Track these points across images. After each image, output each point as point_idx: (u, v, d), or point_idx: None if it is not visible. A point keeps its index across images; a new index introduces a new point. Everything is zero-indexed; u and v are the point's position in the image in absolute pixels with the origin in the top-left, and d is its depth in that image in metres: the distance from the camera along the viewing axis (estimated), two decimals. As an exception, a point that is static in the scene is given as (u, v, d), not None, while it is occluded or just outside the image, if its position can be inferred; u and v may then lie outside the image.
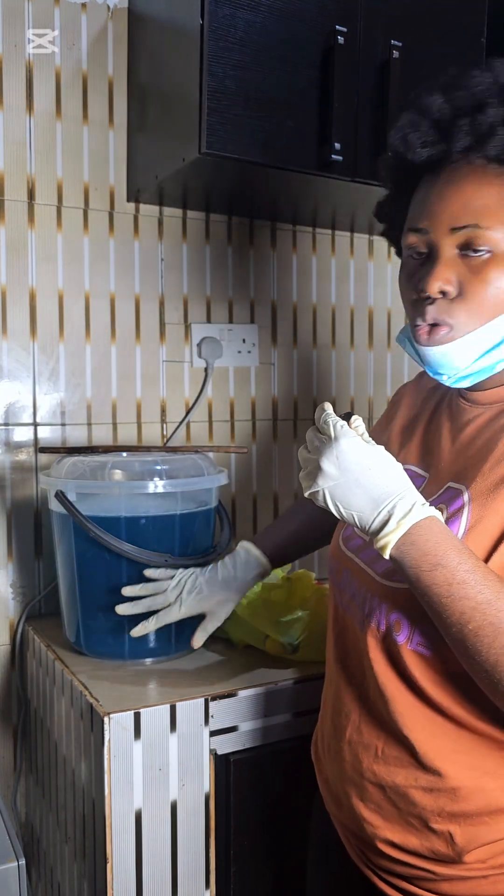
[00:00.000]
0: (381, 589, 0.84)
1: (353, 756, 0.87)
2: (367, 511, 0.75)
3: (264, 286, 1.74)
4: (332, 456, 0.76)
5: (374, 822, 0.85)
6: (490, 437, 0.83)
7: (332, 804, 0.94)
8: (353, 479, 0.75)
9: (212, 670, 1.24)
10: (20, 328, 1.49)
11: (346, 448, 0.76)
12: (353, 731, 0.88)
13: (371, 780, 0.85)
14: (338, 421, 0.77)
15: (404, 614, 0.80)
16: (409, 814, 0.82)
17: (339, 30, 1.32)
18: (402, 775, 0.82)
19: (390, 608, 0.82)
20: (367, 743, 0.86)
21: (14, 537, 1.51)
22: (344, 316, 1.84)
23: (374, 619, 0.83)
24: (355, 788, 0.87)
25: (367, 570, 0.87)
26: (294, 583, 1.38)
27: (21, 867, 1.15)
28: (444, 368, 0.83)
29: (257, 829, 1.19)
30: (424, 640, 0.79)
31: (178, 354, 1.64)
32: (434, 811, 0.81)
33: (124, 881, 1.08)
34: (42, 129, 1.49)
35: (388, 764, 0.84)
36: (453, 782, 0.79)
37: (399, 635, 0.81)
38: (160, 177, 1.42)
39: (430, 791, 0.81)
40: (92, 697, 1.12)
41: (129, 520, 1.22)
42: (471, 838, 0.80)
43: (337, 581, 0.94)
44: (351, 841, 0.92)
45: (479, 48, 1.50)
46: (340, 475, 0.75)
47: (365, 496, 0.75)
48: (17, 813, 1.54)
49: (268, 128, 1.30)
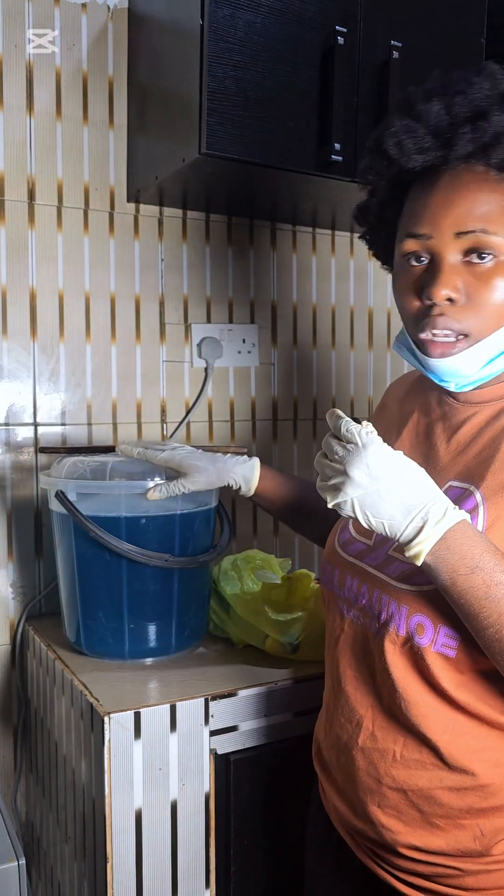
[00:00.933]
0: (398, 593, 0.83)
1: (368, 763, 0.86)
2: (399, 518, 0.74)
3: (264, 286, 1.74)
4: (361, 464, 0.74)
5: (394, 828, 0.85)
6: (494, 436, 0.83)
7: (345, 813, 0.92)
8: (384, 487, 0.74)
9: (212, 670, 1.24)
10: (20, 328, 1.49)
11: (375, 455, 0.74)
12: (367, 738, 0.87)
13: (390, 786, 0.84)
14: (362, 428, 0.76)
15: (427, 617, 0.80)
16: (435, 815, 0.82)
17: (339, 30, 1.32)
18: (426, 778, 0.82)
19: (411, 612, 0.81)
20: (383, 748, 0.85)
21: (14, 537, 1.51)
22: (344, 316, 1.85)
23: (392, 624, 0.82)
24: (371, 795, 0.86)
25: (379, 574, 0.86)
26: (294, 583, 1.38)
27: (21, 867, 1.15)
28: (451, 377, 0.83)
29: (257, 829, 1.19)
30: (449, 642, 0.79)
31: (178, 354, 1.64)
32: (462, 809, 0.81)
33: (124, 881, 1.08)
34: (42, 130, 1.49)
35: (409, 767, 0.83)
36: (482, 780, 0.80)
37: (422, 638, 0.80)
38: (160, 177, 1.42)
39: (458, 791, 0.81)
40: (92, 697, 1.12)
41: (129, 520, 1.22)
42: (498, 830, 0.80)
43: (339, 589, 0.93)
44: (364, 844, 0.91)
45: (479, 48, 1.50)
46: (371, 483, 0.74)
47: (397, 503, 0.74)
48: (17, 813, 1.54)
49: (268, 128, 1.30)
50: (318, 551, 1.83)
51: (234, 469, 1.17)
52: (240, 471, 1.17)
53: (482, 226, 0.78)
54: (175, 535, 1.25)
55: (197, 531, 1.29)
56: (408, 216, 0.84)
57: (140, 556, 1.20)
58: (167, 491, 1.16)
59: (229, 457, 1.18)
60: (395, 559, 0.86)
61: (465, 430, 0.87)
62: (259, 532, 1.76)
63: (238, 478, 1.17)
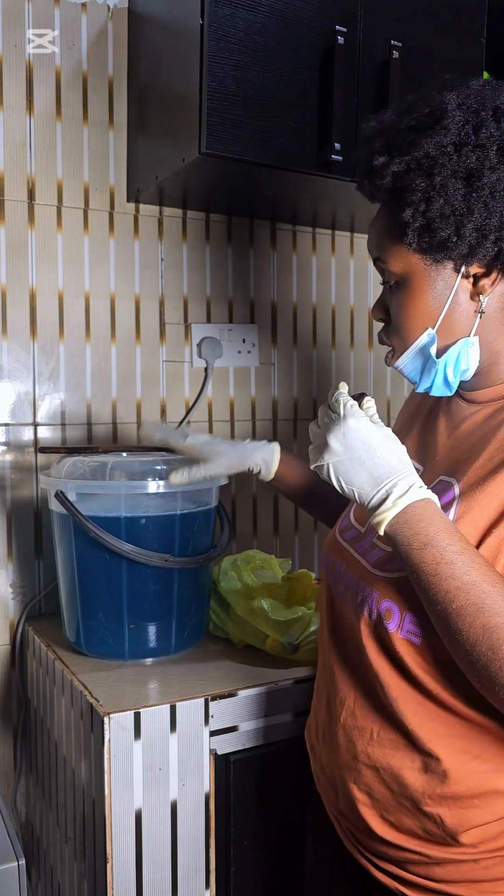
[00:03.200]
0: (372, 578, 0.86)
1: (348, 740, 0.89)
2: (367, 488, 0.79)
3: (264, 286, 1.74)
4: (338, 433, 0.80)
5: (367, 802, 0.87)
6: (484, 434, 0.85)
7: (328, 791, 0.95)
8: (356, 457, 0.80)
9: (212, 670, 1.24)
10: (20, 328, 1.49)
11: (352, 427, 0.80)
12: (348, 716, 0.90)
13: (365, 763, 0.87)
14: (348, 401, 0.82)
15: (394, 603, 0.83)
16: (402, 795, 0.84)
17: (339, 30, 1.32)
18: (398, 757, 0.84)
19: (381, 597, 0.84)
20: (362, 727, 0.88)
21: (14, 537, 1.51)
22: (344, 316, 1.85)
23: (365, 607, 0.86)
24: (349, 772, 0.89)
25: (361, 560, 0.90)
26: (294, 583, 1.38)
27: (21, 867, 1.15)
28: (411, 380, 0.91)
29: (257, 829, 1.19)
30: (414, 629, 0.81)
31: (178, 354, 1.64)
32: (426, 793, 0.83)
33: (124, 881, 1.08)
34: (42, 129, 1.49)
35: (384, 746, 0.86)
36: (444, 765, 0.82)
37: (389, 623, 0.83)
38: (160, 177, 1.42)
39: (424, 772, 0.83)
40: (92, 697, 1.12)
41: (129, 520, 1.22)
42: (461, 821, 0.81)
43: (332, 571, 0.97)
44: (346, 829, 0.93)
45: (479, 48, 1.50)
46: (345, 452, 0.80)
47: (366, 474, 0.79)
48: (17, 813, 1.54)
49: (268, 128, 1.30)
50: (318, 551, 1.83)
51: (254, 453, 1.18)
52: (260, 454, 1.18)
53: (377, 253, 0.88)
54: (175, 535, 1.25)
55: (197, 531, 1.29)
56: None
57: (140, 556, 1.20)
58: (189, 475, 1.16)
59: (249, 441, 1.19)
60: (376, 546, 0.89)
61: (464, 427, 0.90)
62: (259, 532, 1.76)
63: (259, 461, 1.18)
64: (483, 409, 0.89)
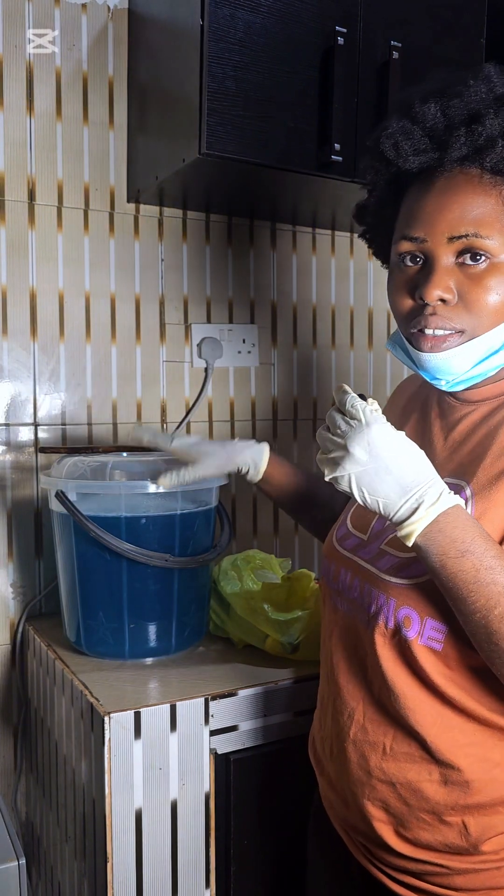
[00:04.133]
0: (386, 585, 0.84)
1: (360, 755, 0.87)
2: (394, 498, 0.75)
3: (264, 286, 1.74)
4: (362, 441, 0.75)
5: (383, 818, 0.85)
6: (487, 433, 0.84)
7: (338, 805, 0.93)
8: (382, 466, 0.75)
9: (212, 670, 1.24)
10: (20, 328, 1.49)
11: (378, 434, 0.75)
12: (358, 731, 0.87)
13: (380, 779, 0.85)
14: (366, 405, 0.77)
15: (413, 609, 0.81)
16: (421, 809, 0.83)
17: (338, 30, 1.32)
18: (415, 771, 0.83)
19: (399, 604, 0.82)
20: (374, 741, 0.86)
21: (14, 537, 1.51)
22: (344, 316, 1.85)
23: (381, 616, 0.83)
24: (362, 788, 0.87)
25: (370, 568, 0.88)
26: (294, 583, 1.38)
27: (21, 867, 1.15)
28: (442, 374, 0.84)
29: (257, 829, 1.19)
30: (435, 635, 0.80)
31: (178, 354, 1.64)
32: (448, 805, 0.81)
33: (124, 881, 1.08)
34: (42, 130, 1.49)
35: (398, 760, 0.84)
36: (467, 775, 0.80)
37: (409, 631, 0.81)
38: (160, 177, 1.42)
39: (445, 784, 0.81)
40: (92, 697, 1.12)
41: (129, 520, 1.22)
42: (485, 828, 0.81)
43: (334, 582, 0.94)
44: (358, 841, 0.91)
45: (479, 48, 1.50)
46: (370, 461, 0.75)
47: (393, 483, 0.75)
48: (17, 812, 1.54)
49: (268, 128, 1.30)
50: (318, 551, 1.83)
51: (243, 452, 1.16)
52: (249, 454, 1.16)
53: (475, 230, 0.79)
54: (175, 535, 1.26)
55: (197, 531, 1.29)
56: (404, 218, 0.86)
57: (140, 556, 1.20)
58: (178, 478, 1.15)
59: (238, 440, 1.19)
60: (386, 553, 0.86)
61: (461, 428, 0.88)
62: (259, 532, 1.76)
63: (248, 460, 1.16)
64: (479, 408, 0.88)
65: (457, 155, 0.80)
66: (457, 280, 0.81)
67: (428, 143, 0.82)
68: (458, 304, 0.81)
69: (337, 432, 0.78)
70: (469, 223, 0.80)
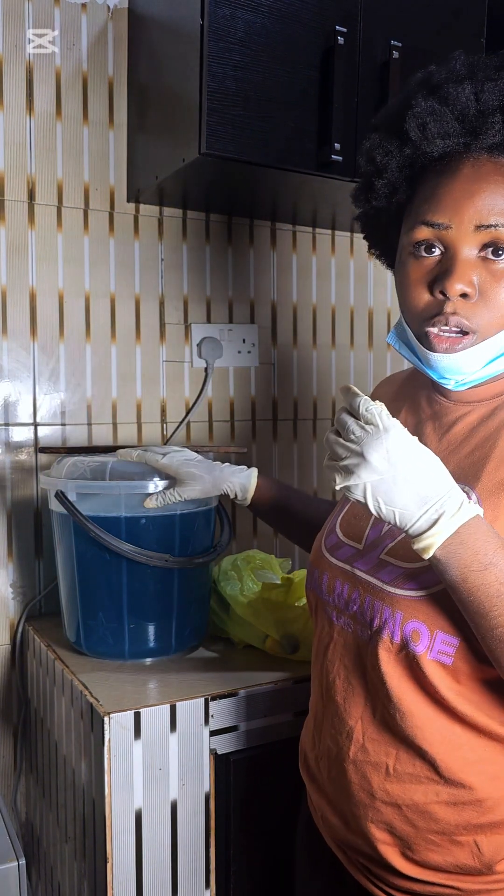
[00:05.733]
0: (392, 598, 0.80)
1: (361, 776, 0.83)
2: (413, 508, 0.70)
3: (264, 286, 1.74)
4: (381, 448, 0.70)
5: (388, 841, 0.82)
6: (487, 435, 0.81)
7: (337, 826, 0.88)
8: (401, 475, 0.70)
9: (212, 670, 1.24)
10: (20, 328, 1.49)
11: (396, 440, 0.70)
12: (358, 751, 0.84)
13: (384, 801, 0.81)
14: (382, 409, 0.72)
15: (423, 623, 0.77)
16: (430, 831, 0.79)
17: (339, 30, 1.32)
18: (421, 792, 0.79)
19: (406, 617, 0.78)
20: (376, 762, 0.82)
21: (14, 537, 1.51)
22: (344, 316, 1.85)
23: (386, 631, 0.79)
24: (365, 810, 0.83)
25: (372, 580, 0.83)
26: (294, 583, 1.38)
27: (21, 867, 1.15)
28: (452, 374, 0.80)
29: (257, 829, 1.19)
30: (446, 649, 0.76)
31: (178, 354, 1.64)
32: (459, 825, 0.78)
33: (124, 881, 1.08)
34: (42, 130, 1.49)
35: (403, 781, 0.80)
36: (479, 794, 0.77)
37: (417, 646, 0.77)
38: (160, 177, 1.42)
39: (454, 805, 0.78)
40: (92, 697, 1.12)
41: (129, 520, 1.22)
42: (498, 847, 0.78)
43: (328, 595, 0.89)
44: (357, 861, 0.87)
45: (479, 48, 1.50)
46: (388, 469, 0.70)
47: (412, 493, 0.70)
48: (17, 813, 1.54)
49: (268, 128, 1.30)
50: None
51: (230, 478, 1.17)
52: (237, 480, 1.17)
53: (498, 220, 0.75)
54: (175, 535, 1.25)
55: (197, 531, 1.29)
56: (423, 203, 0.80)
57: (140, 556, 1.20)
58: (163, 500, 1.17)
59: (227, 465, 1.18)
60: (387, 563, 0.82)
61: (458, 429, 0.85)
62: (259, 532, 1.76)
63: (235, 487, 1.17)
64: (476, 410, 0.84)
65: (489, 142, 0.76)
66: (478, 274, 0.77)
67: (458, 128, 0.77)
68: (477, 300, 0.77)
69: (350, 437, 0.72)
70: (499, 213, 0.75)
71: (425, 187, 0.81)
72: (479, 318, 0.77)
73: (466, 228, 0.76)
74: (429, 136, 0.78)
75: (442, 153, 0.79)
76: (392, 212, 0.87)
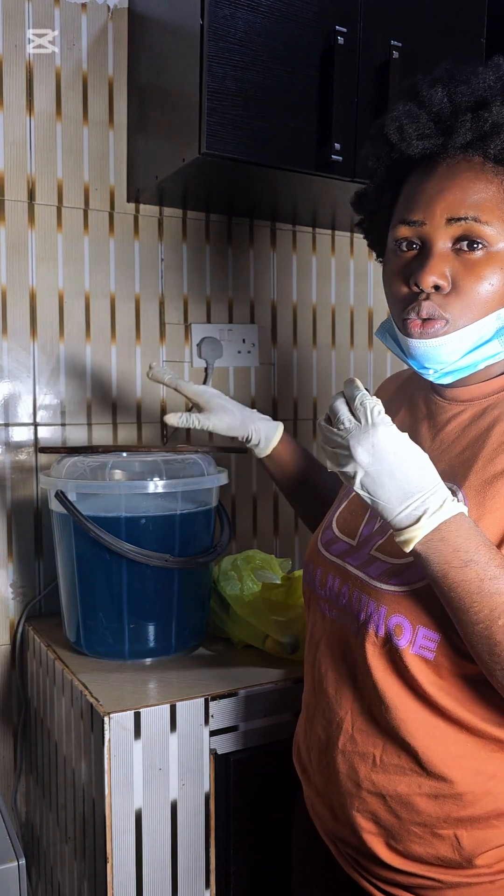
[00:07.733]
0: (378, 593, 0.82)
1: (349, 767, 0.85)
2: (395, 503, 0.72)
3: (264, 286, 1.74)
4: (366, 443, 0.73)
5: (374, 831, 0.83)
6: (477, 435, 0.83)
7: (325, 816, 0.90)
8: (385, 470, 0.72)
9: (212, 670, 1.24)
10: (20, 328, 1.49)
11: (383, 437, 0.73)
12: (347, 741, 0.85)
13: (370, 791, 0.83)
14: (375, 405, 0.74)
15: (405, 618, 0.79)
16: (412, 822, 0.81)
17: (338, 30, 1.32)
18: (405, 783, 0.81)
19: (390, 612, 0.80)
20: (363, 752, 0.84)
21: (14, 537, 1.51)
22: (344, 316, 1.85)
23: (371, 624, 0.81)
24: (352, 800, 0.85)
25: (360, 574, 0.85)
26: (294, 583, 1.38)
27: (21, 867, 1.15)
28: (431, 363, 0.82)
29: (257, 829, 1.19)
30: (427, 644, 0.78)
31: (178, 354, 1.64)
32: (440, 818, 0.79)
33: (124, 881, 1.08)
34: (42, 130, 1.49)
35: (388, 772, 0.82)
36: (459, 787, 0.78)
37: (400, 640, 0.79)
38: (160, 177, 1.42)
39: (436, 798, 0.79)
40: (92, 697, 1.12)
41: (129, 520, 1.22)
42: (479, 842, 0.79)
43: (321, 588, 0.91)
44: (346, 853, 0.89)
45: (478, 48, 1.50)
46: (373, 464, 0.72)
47: (395, 487, 0.72)
48: (17, 813, 1.54)
49: (268, 128, 1.30)
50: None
51: (258, 422, 1.17)
52: (263, 426, 1.17)
53: (475, 213, 0.78)
54: (175, 535, 1.25)
55: (197, 531, 1.29)
56: (403, 203, 0.84)
57: (140, 556, 1.20)
58: (187, 420, 1.17)
59: (256, 411, 1.19)
60: (376, 559, 0.84)
61: (450, 428, 0.86)
62: (259, 532, 1.76)
63: (260, 432, 1.17)
64: (468, 409, 0.86)
65: (461, 141, 0.79)
66: (452, 267, 0.79)
67: (433, 128, 0.81)
68: (451, 292, 0.79)
69: (340, 428, 0.75)
70: (469, 206, 0.78)
71: (406, 188, 0.85)
72: (452, 307, 0.80)
73: (438, 223, 0.80)
74: (406, 137, 0.82)
75: (422, 154, 0.83)
76: (383, 214, 0.90)
